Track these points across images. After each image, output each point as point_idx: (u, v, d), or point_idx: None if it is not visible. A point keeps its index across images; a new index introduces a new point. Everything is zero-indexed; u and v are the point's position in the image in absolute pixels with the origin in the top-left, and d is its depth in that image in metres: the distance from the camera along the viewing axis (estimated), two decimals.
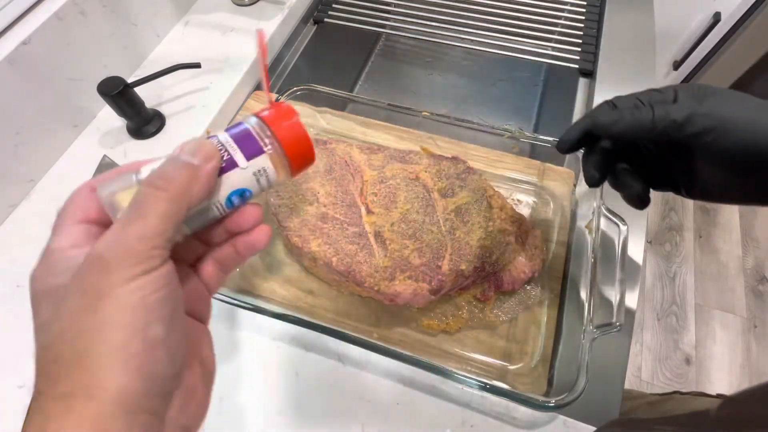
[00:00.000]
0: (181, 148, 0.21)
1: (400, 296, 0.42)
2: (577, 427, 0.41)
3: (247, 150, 0.22)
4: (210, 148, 0.21)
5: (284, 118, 0.24)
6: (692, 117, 0.28)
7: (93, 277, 0.18)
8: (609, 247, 0.44)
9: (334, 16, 0.77)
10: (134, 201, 0.19)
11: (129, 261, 0.18)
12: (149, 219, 0.19)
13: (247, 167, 0.22)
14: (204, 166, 0.21)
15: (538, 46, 0.72)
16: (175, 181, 0.20)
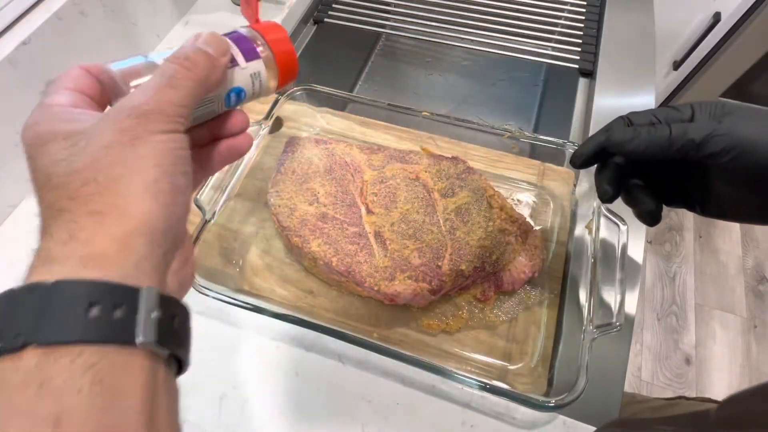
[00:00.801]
0: (196, 38, 0.23)
1: (400, 296, 0.42)
2: (577, 427, 0.41)
3: (245, 51, 0.25)
4: (224, 42, 0.23)
5: (275, 31, 0.26)
6: (711, 137, 0.28)
7: (130, 121, 0.19)
8: (609, 247, 0.44)
9: (334, 16, 0.77)
10: (164, 72, 0.21)
11: (162, 117, 0.20)
12: (179, 90, 0.20)
13: (246, 68, 0.25)
14: (220, 58, 0.22)
15: (538, 46, 0.72)
16: (199, 64, 0.21)
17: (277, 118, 0.55)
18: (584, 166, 0.34)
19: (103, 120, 0.19)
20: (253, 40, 0.25)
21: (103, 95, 0.23)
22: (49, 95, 0.21)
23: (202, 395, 0.43)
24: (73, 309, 0.16)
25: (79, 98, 0.21)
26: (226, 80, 0.24)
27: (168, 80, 0.20)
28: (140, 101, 0.19)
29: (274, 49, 0.26)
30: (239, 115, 0.26)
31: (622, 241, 0.43)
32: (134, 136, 0.19)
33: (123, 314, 0.17)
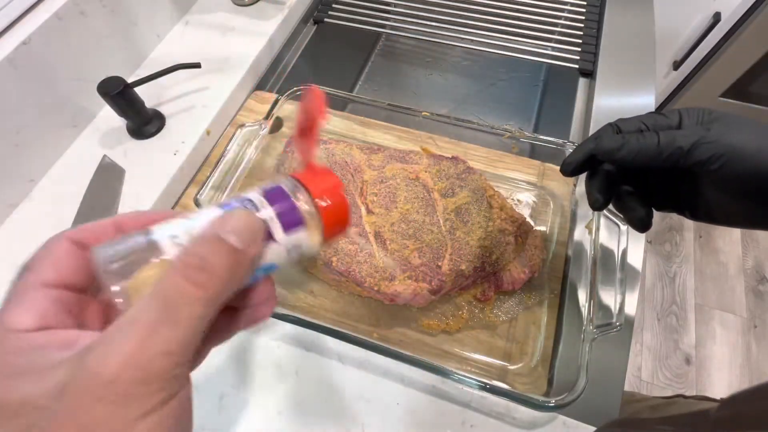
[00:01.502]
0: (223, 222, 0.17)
1: (400, 296, 0.42)
2: (577, 427, 0.41)
3: (286, 222, 0.19)
4: (257, 227, 0.18)
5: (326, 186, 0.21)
6: (699, 144, 0.28)
7: (99, 410, 0.13)
8: (609, 247, 0.44)
9: (334, 16, 0.77)
10: (162, 296, 0.15)
11: (150, 387, 0.14)
12: (182, 327, 0.14)
13: (283, 242, 0.19)
14: (248, 250, 0.17)
15: (538, 46, 0.72)
16: (216, 274, 0.16)
17: (277, 118, 0.55)
18: (574, 174, 0.34)
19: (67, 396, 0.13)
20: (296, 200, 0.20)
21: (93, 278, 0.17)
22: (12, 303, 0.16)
23: (202, 395, 0.43)
24: None
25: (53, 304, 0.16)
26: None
27: (167, 314, 0.14)
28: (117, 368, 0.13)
29: (322, 210, 0.20)
30: (265, 287, 0.20)
31: (622, 241, 0.43)
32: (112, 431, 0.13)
33: None
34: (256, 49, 0.67)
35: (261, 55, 0.68)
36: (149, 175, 0.56)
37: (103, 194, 0.54)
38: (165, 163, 0.57)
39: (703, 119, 0.29)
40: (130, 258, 0.16)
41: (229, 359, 0.45)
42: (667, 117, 0.30)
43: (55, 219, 0.52)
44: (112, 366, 0.13)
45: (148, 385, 0.14)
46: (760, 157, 0.26)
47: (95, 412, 0.13)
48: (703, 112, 0.30)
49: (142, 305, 0.15)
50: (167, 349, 0.14)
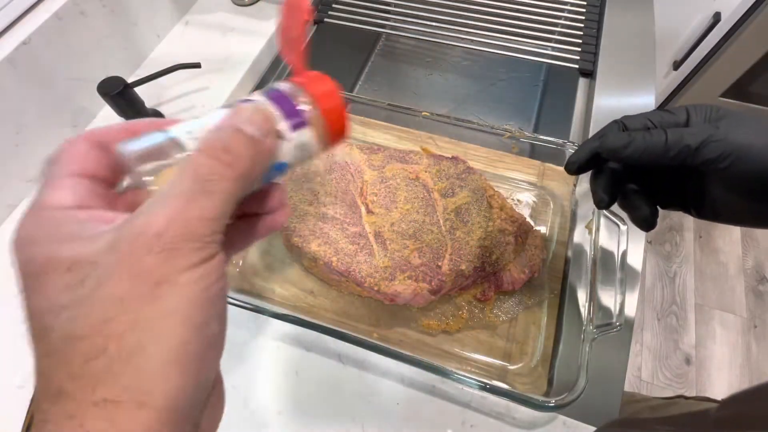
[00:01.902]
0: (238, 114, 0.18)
1: (400, 296, 0.42)
2: (577, 427, 0.41)
3: (291, 120, 0.20)
4: (272, 119, 0.19)
5: (324, 88, 0.22)
6: (708, 142, 0.27)
7: (151, 259, 0.14)
8: (609, 247, 0.44)
9: (334, 16, 0.77)
10: (195, 173, 0.16)
11: (192, 244, 0.15)
12: (215, 198, 0.16)
13: (292, 139, 0.21)
14: (265, 140, 0.18)
15: (538, 46, 0.72)
16: (242, 157, 0.17)
17: None
18: (579, 172, 0.34)
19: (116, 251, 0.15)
20: (298, 102, 0.21)
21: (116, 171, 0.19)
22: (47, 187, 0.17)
23: None
24: None
25: (86, 190, 0.17)
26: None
27: (201, 185, 0.16)
28: (163, 225, 0.15)
29: (324, 112, 0.21)
30: (277, 193, 0.21)
31: (622, 242, 0.43)
32: (157, 281, 0.14)
33: None
34: (256, 49, 0.67)
35: (261, 55, 0.68)
36: None
37: None
38: None
39: (711, 117, 0.29)
40: (154, 150, 0.18)
41: (230, 359, 0.45)
42: (674, 114, 0.30)
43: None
44: (159, 223, 0.15)
45: (189, 242, 0.15)
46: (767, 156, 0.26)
47: (145, 262, 0.14)
48: (710, 109, 0.29)
49: (175, 181, 0.16)
50: (204, 215, 0.15)
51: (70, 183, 0.17)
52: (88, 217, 0.16)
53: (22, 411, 0.40)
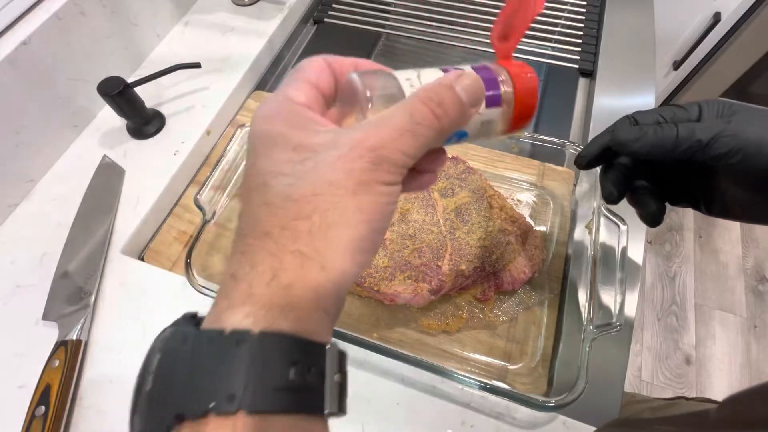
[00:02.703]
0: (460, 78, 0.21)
1: (400, 296, 0.42)
2: (577, 427, 0.41)
3: (489, 97, 0.22)
4: (480, 92, 0.22)
5: (526, 77, 0.23)
6: (718, 137, 0.27)
7: (361, 164, 0.18)
8: (609, 247, 0.44)
9: (334, 16, 0.77)
10: (412, 114, 0.19)
11: (392, 167, 0.19)
12: (418, 139, 0.19)
13: (482, 114, 0.22)
14: (471, 109, 0.21)
15: (538, 46, 0.72)
16: (449, 114, 0.20)
17: None
18: (589, 167, 0.34)
19: (335, 146, 0.18)
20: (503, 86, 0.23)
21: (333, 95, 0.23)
22: (289, 85, 0.21)
23: None
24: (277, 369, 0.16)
25: (315, 97, 0.21)
26: None
27: (413, 126, 0.19)
28: (378, 143, 0.18)
29: (517, 98, 0.23)
30: (441, 156, 0.24)
31: (622, 241, 0.43)
32: (360, 182, 0.18)
33: (314, 378, 0.17)
34: (256, 49, 0.67)
35: (261, 55, 0.68)
36: (149, 175, 0.56)
37: (103, 194, 0.54)
38: (165, 163, 0.57)
39: (723, 112, 0.29)
40: (380, 86, 0.21)
41: None
42: (686, 110, 0.30)
43: (55, 219, 0.52)
44: (373, 140, 0.18)
45: (391, 165, 0.19)
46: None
47: (356, 163, 0.18)
48: (723, 104, 0.29)
49: (393, 112, 0.19)
50: (406, 150, 0.19)
51: (306, 87, 0.21)
52: (312, 117, 0.20)
53: (22, 411, 0.40)
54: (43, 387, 0.40)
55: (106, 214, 0.52)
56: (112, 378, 0.44)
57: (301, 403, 0.17)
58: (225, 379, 0.16)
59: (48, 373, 0.41)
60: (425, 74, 0.22)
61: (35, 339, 0.45)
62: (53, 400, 0.40)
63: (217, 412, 0.15)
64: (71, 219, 0.52)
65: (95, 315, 0.47)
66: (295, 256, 0.17)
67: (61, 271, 0.48)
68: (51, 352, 0.43)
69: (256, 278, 0.17)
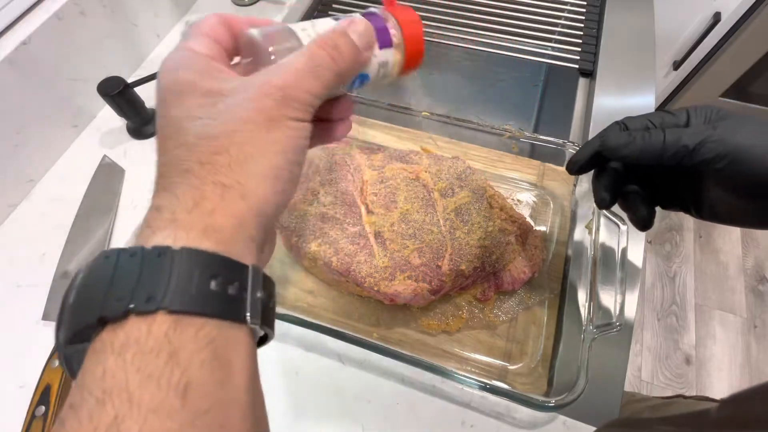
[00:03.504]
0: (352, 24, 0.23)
1: (400, 296, 0.42)
2: (577, 427, 0.41)
3: (381, 39, 0.24)
4: (371, 36, 0.23)
5: (411, 19, 0.26)
6: (704, 143, 0.27)
7: (270, 102, 0.19)
8: (609, 247, 0.44)
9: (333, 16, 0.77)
10: (311, 58, 0.21)
11: (299, 105, 0.20)
12: (320, 80, 0.21)
13: (377, 56, 0.24)
14: (365, 51, 0.23)
15: (538, 46, 0.72)
16: (344, 57, 0.21)
17: None
18: (580, 172, 0.34)
19: (244, 89, 0.20)
20: (391, 28, 0.25)
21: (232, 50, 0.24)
22: (189, 38, 0.22)
23: None
24: (197, 279, 0.17)
25: (218, 50, 0.22)
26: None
27: (313, 68, 0.20)
28: (283, 83, 0.20)
29: (406, 38, 0.25)
30: (347, 102, 0.26)
31: (622, 241, 0.43)
32: (271, 117, 0.19)
33: (235, 291, 0.18)
34: None
35: None
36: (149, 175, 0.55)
37: (103, 194, 0.54)
38: None
39: (710, 118, 0.29)
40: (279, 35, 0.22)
41: None
42: (675, 115, 0.30)
43: (55, 219, 0.52)
44: (281, 80, 0.20)
45: (297, 102, 0.20)
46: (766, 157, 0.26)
47: (266, 102, 0.19)
48: (711, 110, 0.29)
49: (297, 56, 0.21)
50: (310, 89, 0.20)
51: (207, 41, 0.22)
52: (217, 66, 0.21)
53: (22, 411, 0.40)
54: (43, 387, 0.40)
55: (106, 214, 0.52)
56: None
57: (221, 309, 0.17)
58: (146, 285, 0.16)
59: (48, 373, 0.41)
60: (320, 24, 0.24)
61: (35, 339, 0.45)
62: (53, 400, 0.40)
63: (137, 312, 0.16)
64: (71, 219, 0.52)
65: None
66: (216, 186, 0.18)
67: (61, 271, 0.48)
68: (51, 352, 0.43)
69: (178, 207, 0.18)
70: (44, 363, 0.42)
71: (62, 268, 0.48)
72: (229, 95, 0.20)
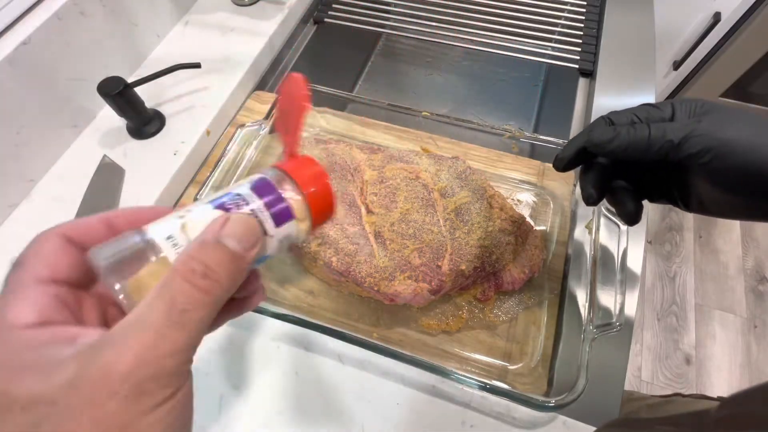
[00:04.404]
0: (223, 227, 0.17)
1: (400, 296, 0.42)
2: (577, 427, 0.41)
3: (278, 218, 0.20)
4: (256, 232, 0.18)
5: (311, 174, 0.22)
6: (689, 138, 0.27)
7: (113, 404, 0.14)
8: (609, 247, 0.44)
9: (334, 16, 0.77)
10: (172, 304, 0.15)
11: (160, 383, 0.15)
12: (190, 329, 0.15)
13: (275, 234, 0.20)
14: (248, 254, 0.18)
15: (538, 46, 0.72)
16: (221, 279, 0.16)
17: None
18: (567, 169, 0.34)
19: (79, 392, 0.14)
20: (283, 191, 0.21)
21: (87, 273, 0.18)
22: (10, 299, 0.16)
23: (202, 395, 0.43)
24: None
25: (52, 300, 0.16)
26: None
27: (177, 317, 0.15)
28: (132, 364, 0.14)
29: (310, 203, 0.21)
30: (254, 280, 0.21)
31: (622, 241, 0.43)
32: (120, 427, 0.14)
33: None
34: (256, 49, 0.67)
35: (261, 55, 0.68)
36: (149, 175, 0.56)
37: (103, 194, 0.54)
38: (165, 163, 0.57)
39: (695, 111, 0.29)
40: (129, 258, 0.17)
41: (229, 360, 0.45)
42: (660, 109, 0.30)
43: (55, 219, 0.52)
44: (126, 364, 0.14)
45: (158, 381, 0.14)
46: (752, 151, 0.26)
47: (109, 406, 0.14)
48: (695, 103, 0.29)
49: (149, 306, 0.15)
50: (175, 349, 0.15)
51: (34, 294, 0.16)
52: (51, 338, 0.15)
53: None
54: None
55: None
56: None
57: None
58: None
59: None
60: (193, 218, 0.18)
61: None
62: None
63: None
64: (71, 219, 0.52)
65: None
66: None
67: None
68: None
69: None
70: None
71: None
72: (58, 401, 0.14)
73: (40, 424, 0.14)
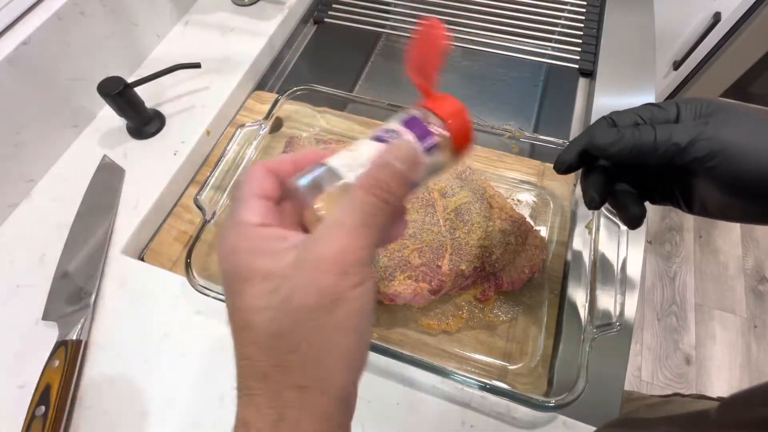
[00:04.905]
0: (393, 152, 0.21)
1: (400, 296, 0.42)
2: (577, 427, 0.41)
3: (426, 146, 0.24)
4: (417, 155, 0.22)
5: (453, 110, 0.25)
6: (696, 141, 0.26)
7: (331, 279, 0.18)
8: (609, 247, 0.44)
9: (334, 16, 0.77)
10: (362, 210, 0.20)
11: (358, 268, 0.19)
12: (374, 230, 0.20)
13: (426, 162, 0.24)
14: (412, 174, 0.22)
15: (538, 46, 0.72)
16: (395, 193, 0.21)
17: (277, 118, 0.55)
18: (568, 172, 0.33)
19: (301, 268, 0.19)
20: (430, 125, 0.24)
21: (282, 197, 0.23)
22: (240, 207, 0.22)
23: (203, 395, 0.43)
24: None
25: (267, 209, 0.22)
26: None
27: (365, 220, 0.20)
28: (337, 253, 0.19)
29: (453, 134, 0.24)
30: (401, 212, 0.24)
31: (622, 242, 0.43)
32: (334, 296, 0.18)
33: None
34: (256, 49, 0.67)
35: (261, 55, 0.68)
36: (149, 175, 0.56)
37: (103, 194, 0.54)
38: (165, 163, 0.57)
39: (701, 112, 0.28)
40: (320, 181, 0.22)
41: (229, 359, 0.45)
42: (664, 109, 0.29)
43: (55, 219, 0.52)
44: (334, 251, 0.19)
45: (355, 266, 0.19)
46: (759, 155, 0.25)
47: (324, 280, 0.18)
48: (701, 104, 0.28)
49: (345, 212, 0.20)
50: (366, 244, 0.19)
51: (255, 203, 0.22)
52: (272, 234, 0.21)
53: (22, 411, 0.40)
54: (43, 387, 0.40)
55: (106, 214, 0.52)
56: (112, 378, 0.44)
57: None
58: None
59: (48, 373, 0.41)
60: (360, 152, 0.23)
61: (35, 339, 0.45)
62: (53, 400, 0.40)
63: None
64: (71, 219, 0.52)
65: (95, 315, 0.47)
66: (294, 390, 0.18)
67: (61, 271, 0.48)
68: (51, 352, 0.43)
69: (263, 424, 0.18)
70: (44, 363, 0.42)
71: (62, 268, 0.48)
72: (289, 275, 0.19)
73: (278, 289, 0.19)
